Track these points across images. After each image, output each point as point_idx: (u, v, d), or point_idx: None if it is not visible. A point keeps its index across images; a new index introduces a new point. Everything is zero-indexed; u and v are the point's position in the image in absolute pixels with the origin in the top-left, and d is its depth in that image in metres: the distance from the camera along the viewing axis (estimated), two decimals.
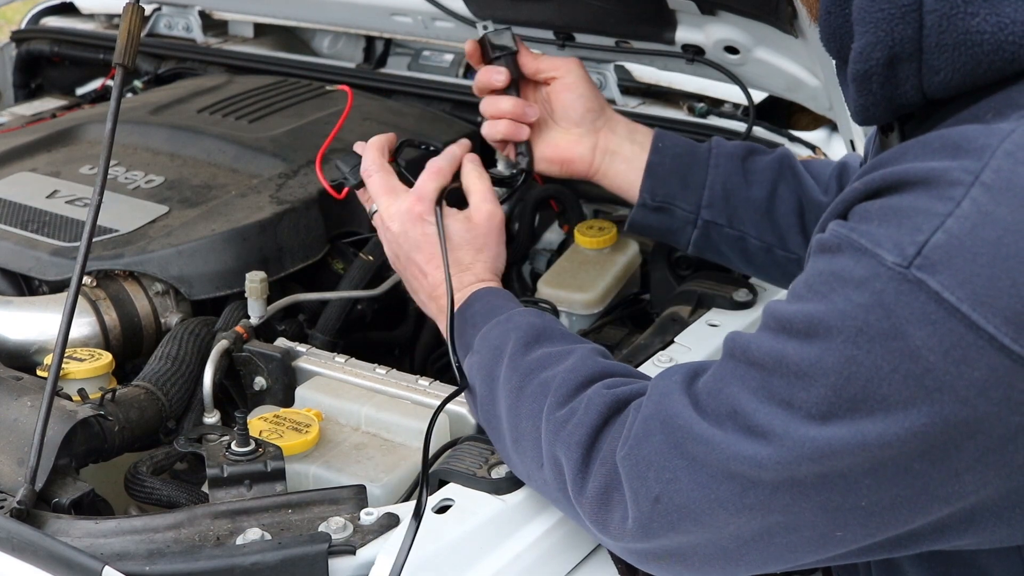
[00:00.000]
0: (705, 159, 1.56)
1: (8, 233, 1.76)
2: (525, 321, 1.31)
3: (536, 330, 1.29)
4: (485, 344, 1.31)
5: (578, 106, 1.58)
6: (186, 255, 1.70)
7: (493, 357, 1.29)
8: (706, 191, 1.55)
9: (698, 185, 1.55)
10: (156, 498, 1.39)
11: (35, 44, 2.78)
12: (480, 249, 1.44)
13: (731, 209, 1.55)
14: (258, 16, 2.62)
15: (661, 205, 1.56)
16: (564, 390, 1.18)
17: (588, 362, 1.21)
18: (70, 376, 1.48)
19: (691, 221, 1.56)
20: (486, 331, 1.32)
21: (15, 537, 1.13)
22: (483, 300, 1.38)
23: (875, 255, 0.91)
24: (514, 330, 1.29)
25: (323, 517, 1.17)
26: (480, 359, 1.31)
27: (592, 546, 1.29)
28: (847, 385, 0.92)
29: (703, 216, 1.56)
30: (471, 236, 1.44)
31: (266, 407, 1.51)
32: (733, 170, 1.56)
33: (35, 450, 1.21)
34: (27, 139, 2.09)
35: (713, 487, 1.01)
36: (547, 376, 1.21)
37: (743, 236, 1.56)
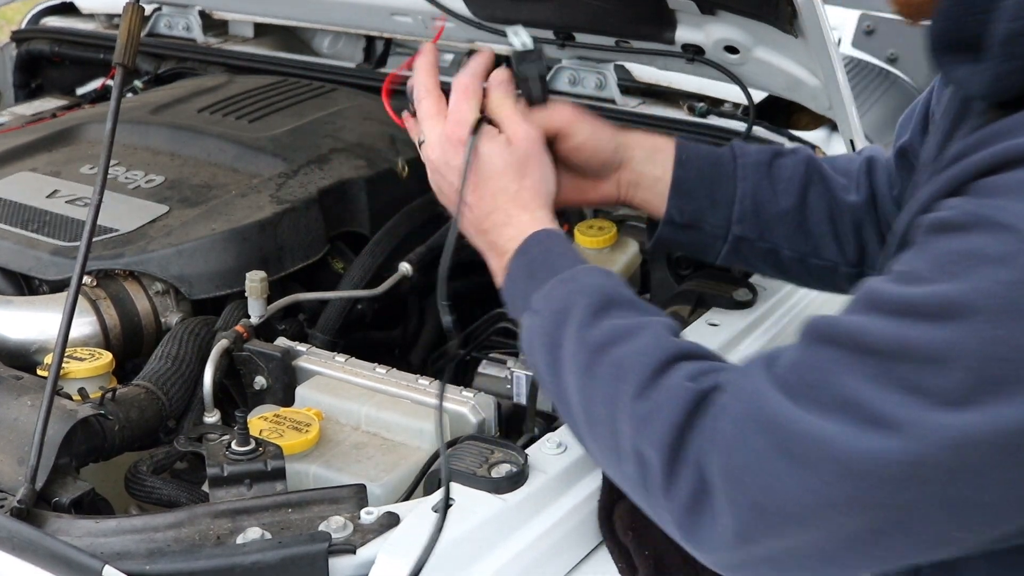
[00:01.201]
0: (731, 172, 1.49)
1: (8, 233, 1.76)
2: (593, 283, 1.20)
3: (605, 296, 1.18)
4: (548, 305, 1.20)
5: (592, 162, 1.46)
6: (186, 255, 1.70)
7: (556, 322, 1.18)
8: (736, 206, 1.48)
9: (727, 201, 1.49)
10: (156, 497, 1.39)
11: (35, 44, 2.78)
12: (524, 173, 1.31)
13: (762, 223, 1.50)
14: (258, 16, 2.62)
15: (689, 223, 1.49)
16: (641, 376, 1.08)
17: (663, 342, 1.11)
18: (70, 375, 1.48)
19: (721, 236, 1.50)
20: (548, 290, 1.21)
21: (15, 536, 1.13)
22: (542, 246, 1.26)
23: (1017, 230, 0.87)
24: (580, 294, 1.18)
25: (323, 516, 1.17)
26: (541, 323, 1.20)
27: (593, 545, 1.29)
28: (987, 367, 0.87)
29: (733, 232, 1.49)
30: (513, 159, 1.31)
31: (266, 406, 1.51)
32: (761, 182, 1.50)
33: (35, 449, 1.21)
34: (27, 139, 2.09)
35: (824, 487, 0.93)
36: (620, 356, 1.11)
37: (775, 248, 1.51)
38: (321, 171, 1.93)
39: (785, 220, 1.50)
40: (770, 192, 1.49)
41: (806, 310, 1.76)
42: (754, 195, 1.49)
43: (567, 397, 1.17)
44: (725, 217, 1.49)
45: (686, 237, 1.51)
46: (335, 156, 1.98)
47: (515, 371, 1.63)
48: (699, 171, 1.48)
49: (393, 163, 2.02)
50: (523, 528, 1.21)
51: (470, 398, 1.48)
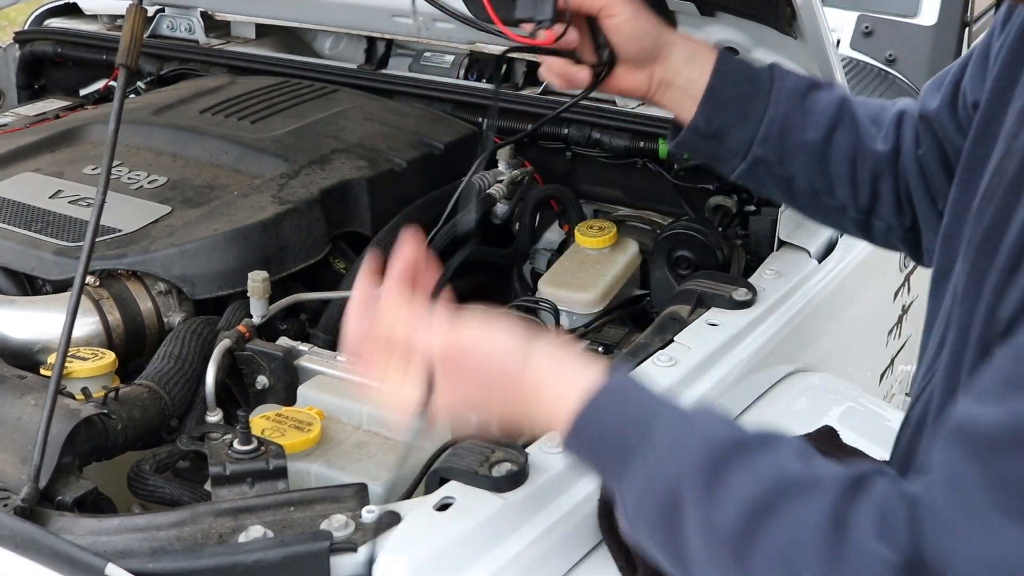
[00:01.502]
0: (766, 92, 1.48)
1: (12, 233, 1.76)
2: (692, 446, 1.01)
3: (711, 459, 0.99)
4: (649, 501, 1.02)
5: (629, 47, 1.44)
6: (188, 255, 1.70)
7: (665, 519, 0.99)
8: (763, 126, 1.47)
9: (756, 119, 1.47)
10: (159, 496, 1.40)
11: (39, 45, 2.79)
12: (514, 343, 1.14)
13: (784, 149, 1.48)
14: (260, 17, 2.63)
15: (714, 133, 1.48)
16: (820, 555, 0.90)
17: (816, 496, 0.93)
18: (73, 375, 1.48)
19: (741, 153, 1.49)
20: (640, 479, 1.02)
21: (19, 535, 1.13)
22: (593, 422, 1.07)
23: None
24: (683, 471, 0.99)
25: (325, 515, 1.17)
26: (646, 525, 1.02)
27: (593, 543, 1.29)
28: None
29: (755, 151, 1.48)
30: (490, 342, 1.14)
31: (268, 406, 1.51)
32: (793, 108, 1.48)
33: (39, 448, 1.21)
34: (31, 139, 2.10)
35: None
36: (776, 544, 0.92)
37: (791, 177, 1.50)
38: (323, 171, 1.93)
39: (807, 151, 1.48)
40: (800, 121, 1.48)
41: (806, 310, 1.77)
42: (784, 120, 1.47)
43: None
44: (750, 135, 1.47)
45: (707, 147, 1.50)
46: (337, 156, 1.99)
47: None
48: (735, 84, 1.47)
49: (394, 163, 2.02)
50: (523, 527, 1.21)
51: None
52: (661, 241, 1.90)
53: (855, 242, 1.88)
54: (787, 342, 1.72)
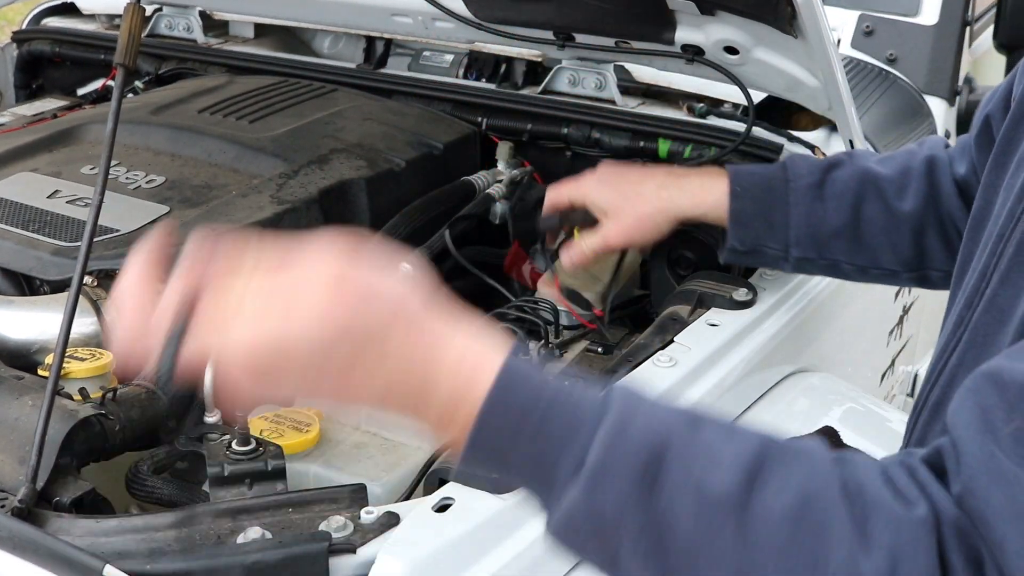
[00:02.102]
0: (784, 197, 1.56)
1: (9, 233, 1.76)
2: (656, 413, 0.85)
3: (687, 420, 0.85)
4: (620, 464, 0.82)
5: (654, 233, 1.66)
6: None
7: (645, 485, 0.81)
8: (791, 231, 1.55)
9: (782, 226, 1.55)
10: (157, 497, 1.39)
11: (36, 44, 2.78)
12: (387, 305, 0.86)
13: (818, 243, 1.56)
14: (259, 17, 2.63)
15: (751, 249, 1.58)
16: (842, 527, 0.78)
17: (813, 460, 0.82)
18: (71, 375, 1.48)
19: (782, 257, 1.58)
20: (605, 443, 0.82)
21: (16, 536, 1.13)
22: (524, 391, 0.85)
23: None
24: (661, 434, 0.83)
25: (324, 516, 1.17)
26: (619, 489, 0.81)
27: None
28: None
29: (793, 254, 1.57)
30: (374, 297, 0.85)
31: (266, 406, 1.51)
32: (813, 204, 1.55)
33: (36, 449, 1.21)
34: (28, 139, 2.09)
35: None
36: (783, 507, 0.79)
37: (835, 263, 1.58)
38: (321, 171, 1.93)
39: (841, 237, 1.55)
40: (822, 214, 1.54)
41: (807, 310, 1.77)
42: (807, 219, 1.54)
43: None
44: (783, 241, 1.55)
45: (750, 260, 1.62)
46: (335, 156, 1.98)
47: None
48: (753, 200, 1.55)
49: (394, 163, 2.02)
50: (523, 528, 1.21)
51: None
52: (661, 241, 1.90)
53: None
54: (788, 342, 1.71)
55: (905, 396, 2.48)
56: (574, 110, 2.15)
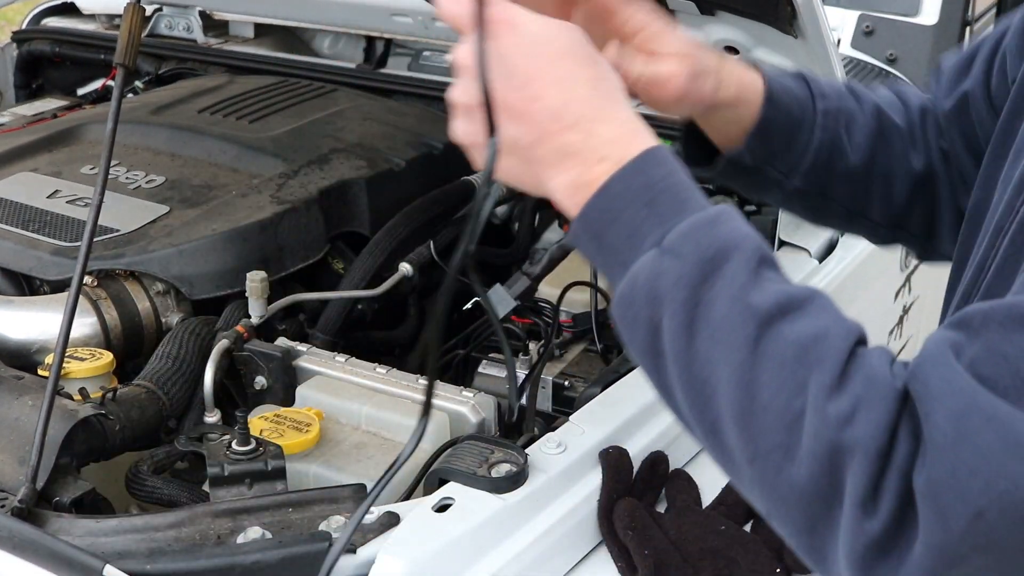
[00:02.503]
0: (812, 117, 1.34)
1: (9, 233, 1.76)
2: (747, 233, 0.93)
3: (764, 253, 0.93)
4: (691, 248, 0.91)
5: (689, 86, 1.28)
6: (187, 255, 1.70)
7: (704, 273, 0.90)
8: (810, 156, 1.34)
9: (801, 148, 1.33)
10: (157, 497, 1.39)
11: (36, 44, 2.79)
12: (596, 59, 1.00)
13: (827, 177, 1.37)
14: (258, 17, 2.63)
15: (756, 166, 1.35)
16: (836, 363, 0.87)
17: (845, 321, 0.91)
18: (71, 375, 1.48)
19: (778, 183, 1.37)
20: (689, 230, 0.92)
21: (16, 536, 1.13)
22: (663, 168, 0.95)
23: None
24: (735, 243, 0.92)
25: (323, 516, 1.17)
26: (681, 270, 0.91)
27: (592, 544, 1.29)
28: None
29: (794, 183, 1.36)
30: (577, 37, 0.99)
31: (267, 406, 1.51)
32: (837, 132, 1.35)
33: (36, 449, 1.21)
34: (28, 139, 2.09)
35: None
36: (802, 333, 0.89)
37: (828, 203, 1.39)
38: (321, 171, 1.93)
39: (850, 177, 1.37)
40: (843, 145, 1.36)
41: None
42: (830, 146, 1.35)
43: (704, 372, 0.92)
44: (793, 165, 1.35)
45: (744, 178, 1.38)
46: (335, 156, 1.99)
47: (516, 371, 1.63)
48: (787, 111, 1.32)
49: (393, 163, 2.02)
50: (523, 528, 1.21)
51: (470, 398, 1.48)
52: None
53: (855, 242, 1.87)
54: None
55: None
56: None
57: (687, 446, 1.40)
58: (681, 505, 1.33)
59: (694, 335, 0.91)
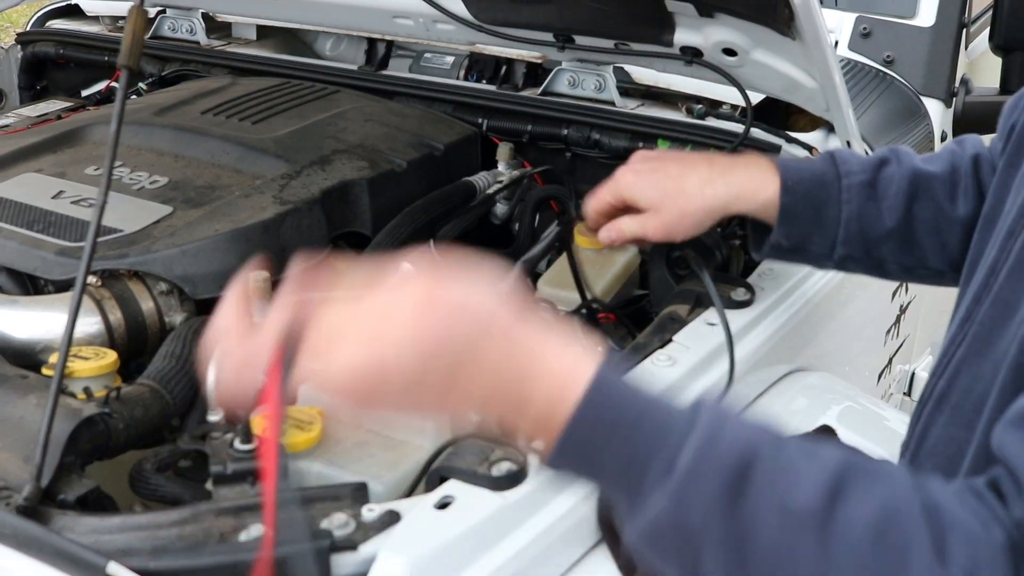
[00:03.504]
0: (836, 193, 1.47)
1: (14, 233, 1.77)
2: (745, 433, 0.86)
3: (765, 443, 0.86)
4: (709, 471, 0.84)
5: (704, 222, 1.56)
6: (190, 255, 1.71)
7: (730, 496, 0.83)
8: (841, 229, 1.48)
9: (833, 223, 1.47)
10: (160, 495, 1.40)
11: (40, 46, 2.80)
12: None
13: (867, 243, 1.49)
14: (261, 19, 2.64)
15: (796, 247, 1.51)
16: (922, 543, 0.80)
17: (895, 483, 0.84)
18: (75, 375, 1.49)
19: (827, 255, 1.51)
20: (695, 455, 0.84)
21: (21, 533, 1.14)
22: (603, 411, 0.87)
23: None
24: (750, 451, 0.85)
25: (325, 513, 1.17)
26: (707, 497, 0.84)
27: (593, 542, 1.30)
28: None
29: (839, 252, 1.50)
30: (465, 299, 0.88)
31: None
32: (866, 203, 1.47)
33: (41, 447, 1.22)
34: (33, 140, 2.10)
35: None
36: (864, 520, 0.81)
37: (881, 263, 1.52)
38: (323, 172, 1.94)
39: (891, 237, 1.48)
40: (875, 212, 1.47)
41: (804, 310, 1.77)
42: (860, 217, 1.47)
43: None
44: (831, 239, 1.48)
45: (792, 258, 1.54)
46: (337, 157, 1.99)
47: None
48: (806, 196, 1.47)
49: (395, 164, 2.03)
50: (523, 526, 1.22)
51: None
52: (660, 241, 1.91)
53: None
54: (785, 342, 1.72)
55: (902, 395, 2.49)
56: (574, 111, 2.16)
57: None
58: None
59: (747, 565, 0.83)
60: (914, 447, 1.23)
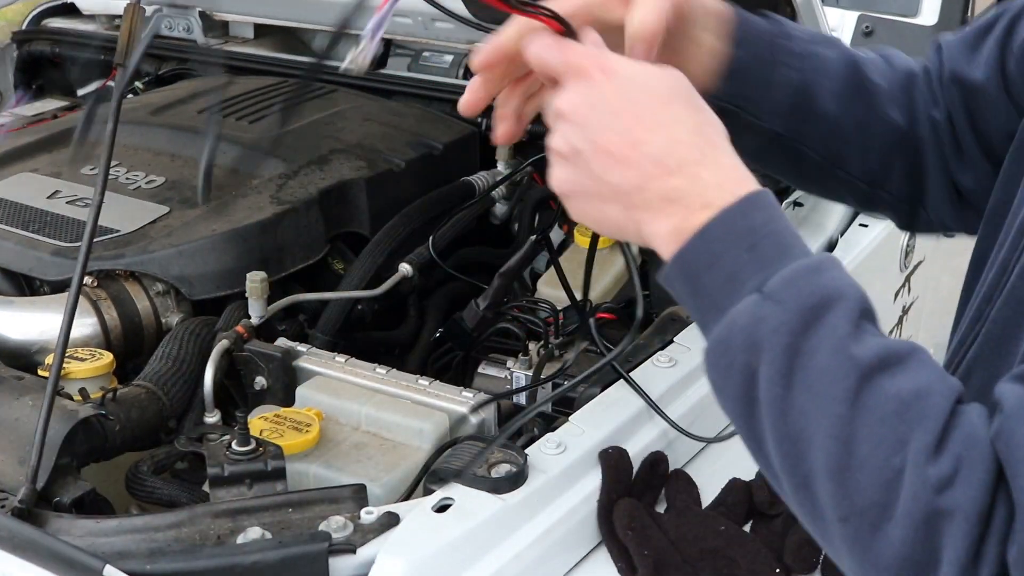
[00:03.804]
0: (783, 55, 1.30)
1: (9, 233, 1.76)
2: (850, 283, 0.91)
3: (866, 304, 0.91)
4: (793, 296, 0.89)
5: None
6: (187, 255, 1.70)
7: (806, 321, 0.88)
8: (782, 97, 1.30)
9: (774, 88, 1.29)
10: (157, 497, 1.40)
11: (36, 45, 2.79)
12: (698, 104, 0.98)
13: (801, 121, 1.33)
14: (258, 17, 2.63)
15: (730, 107, 1.28)
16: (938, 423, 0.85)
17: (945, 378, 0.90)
18: (71, 376, 1.48)
19: (753, 127, 1.31)
20: (791, 276, 0.90)
21: (16, 536, 1.13)
22: (765, 213, 0.93)
23: None
24: (839, 293, 0.90)
25: (323, 516, 1.17)
26: (782, 317, 0.89)
27: (592, 544, 1.29)
28: None
29: (769, 124, 1.31)
30: (678, 83, 0.98)
31: (266, 407, 1.51)
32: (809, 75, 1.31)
33: (36, 449, 1.21)
34: (28, 140, 2.10)
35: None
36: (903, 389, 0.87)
37: (801, 152, 1.34)
38: (321, 172, 1.93)
39: (824, 122, 1.33)
40: (816, 88, 1.32)
41: None
42: (804, 88, 1.31)
43: (800, 423, 0.89)
44: (767, 108, 1.31)
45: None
46: (335, 157, 1.99)
47: (515, 371, 1.63)
48: (755, 53, 1.28)
49: (393, 164, 2.02)
50: (522, 528, 1.21)
51: (470, 398, 1.48)
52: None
53: (855, 242, 1.87)
54: None
55: None
56: None
57: (687, 446, 1.40)
58: (681, 505, 1.33)
59: (792, 385, 0.88)
60: None
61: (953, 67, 1.31)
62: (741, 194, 0.92)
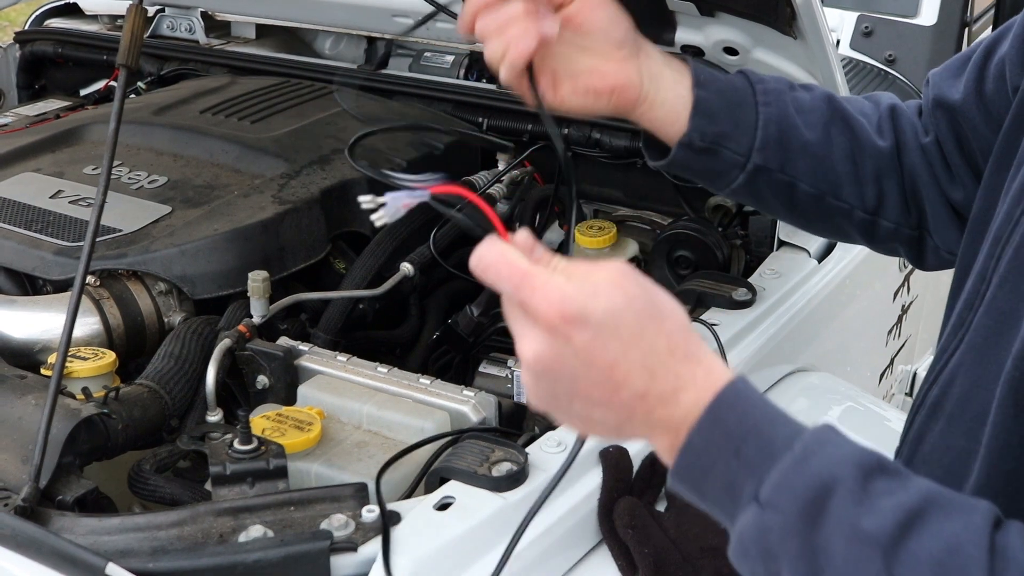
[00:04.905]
0: (752, 96, 1.34)
1: (12, 233, 1.77)
2: (838, 455, 0.90)
3: (862, 467, 0.89)
4: (790, 497, 0.88)
5: (618, 24, 1.26)
6: (189, 255, 1.70)
7: (809, 517, 0.87)
8: (759, 132, 1.34)
9: (750, 125, 1.33)
10: (159, 496, 1.40)
11: (39, 45, 2.79)
12: (659, 312, 0.92)
13: (784, 153, 1.36)
14: (260, 17, 2.63)
15: (709, 147, 1.33)
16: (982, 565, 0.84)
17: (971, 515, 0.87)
18: (74, 375, 1.48)
19: (739, 165, 1.34)
20: (782, 476, 0.88)
21: (20, 534, 1.14)
22: (737, 410, 0.92)
23: None
24: (832, 477, 0.88)
25: (325, 514, 1.17)
26: (785, 520, 0.88)
27: (593, 543, 1.30)
28: None
29: (754, 160, 1.34)
30: (637, 300, 0.91)
31: (268, 405, 1.52)
32: (786, 109, 1.36)
33: (39, 448, 1.21)
34: (31, 140, 2.10)
35: None
36: (932, 550, 0.85)
37: (793, 183, 1.38)
38: (323, 171, 1.94)
39: (808, 152, 1.37)
40: (794, 122, 1.36)
41: (806, 310, 1.77)
42: (779, 122, 1.36)
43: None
44: (747, 144, 1.34)
45: (702, 163, 1.35)
46: (337, 156, 1.99)
47: (515, 370, 1.64)
48: (720, 93, 1.34)
49: (394, 163, 2.02)
50: None
51: (471, 397, 1.48)
52: (661, 241, 1.91)
53: None
54: (787, 342, 1.72)
55: (904, 395, 2.49)
56: None
57: None
58: (681, 504, 1.33)
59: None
60: (908, 454, 1.22)
61: (937, 93, 1.36)
62: (708, 400, 0.91)
